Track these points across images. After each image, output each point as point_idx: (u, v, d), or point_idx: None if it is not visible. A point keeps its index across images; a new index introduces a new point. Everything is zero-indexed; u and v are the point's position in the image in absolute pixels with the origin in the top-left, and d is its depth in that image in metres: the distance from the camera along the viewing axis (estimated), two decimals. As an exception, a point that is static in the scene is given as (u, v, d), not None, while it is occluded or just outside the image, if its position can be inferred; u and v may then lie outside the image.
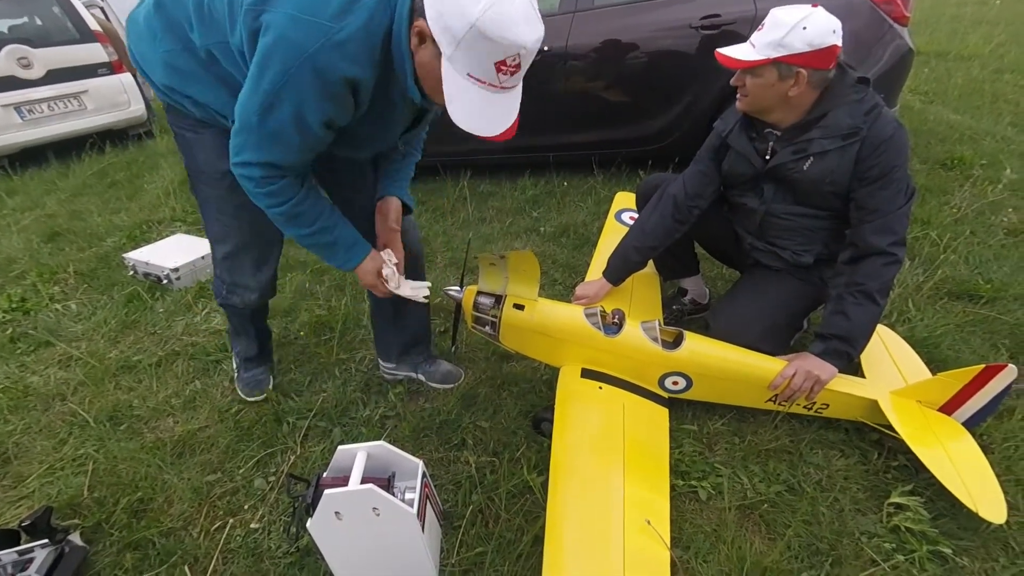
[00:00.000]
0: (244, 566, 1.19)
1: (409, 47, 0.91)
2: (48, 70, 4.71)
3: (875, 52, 2.49)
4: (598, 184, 3.14)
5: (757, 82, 1.26)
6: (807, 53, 1.18)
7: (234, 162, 1.03)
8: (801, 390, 1.30)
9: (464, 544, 1.19)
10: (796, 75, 1.22)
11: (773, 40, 1.19)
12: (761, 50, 1.22)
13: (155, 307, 2.27)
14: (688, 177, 1.56)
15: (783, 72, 1.22)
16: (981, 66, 5.17)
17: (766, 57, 1.21)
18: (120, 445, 1.55)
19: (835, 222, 1.38)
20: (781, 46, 1.19)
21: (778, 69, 1.22)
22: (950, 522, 1.17)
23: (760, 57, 1.21)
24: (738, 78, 1.31)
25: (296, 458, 1.46)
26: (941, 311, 1.83)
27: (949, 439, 1.26)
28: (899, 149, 1.24)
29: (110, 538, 1.28)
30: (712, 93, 2.70)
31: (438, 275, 2.36)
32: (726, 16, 2.59)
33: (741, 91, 1.33)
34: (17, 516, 1.35)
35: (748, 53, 1.24)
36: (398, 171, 1.37)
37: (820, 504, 1.23)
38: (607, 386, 1.36)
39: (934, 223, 2.37)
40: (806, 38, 1.17)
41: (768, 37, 1.20)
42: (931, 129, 3.60)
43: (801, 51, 1.18)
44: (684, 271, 1.86)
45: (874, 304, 1.27)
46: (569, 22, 2.86)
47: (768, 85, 1.25)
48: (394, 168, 1.36)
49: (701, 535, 1.18)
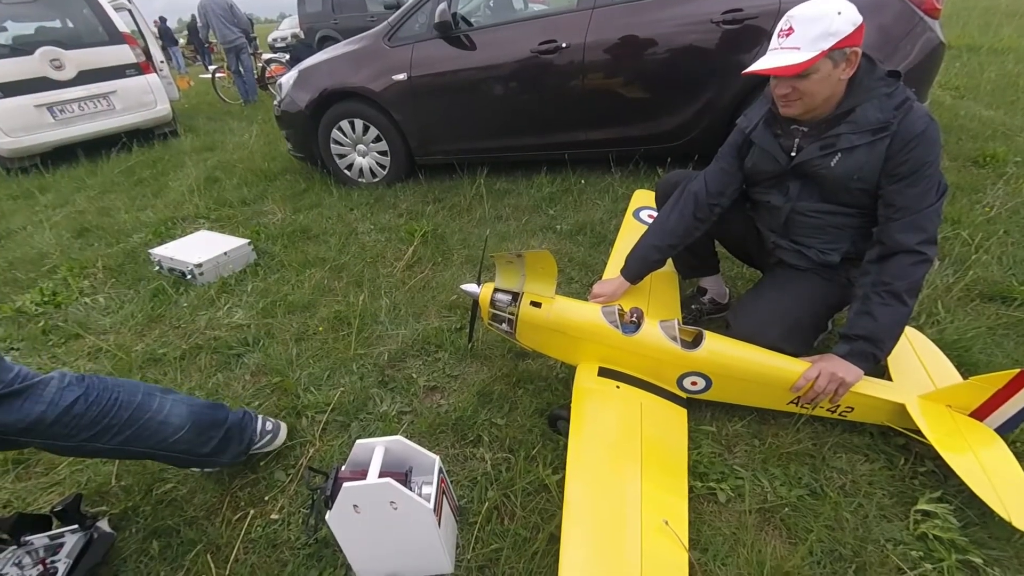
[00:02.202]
0: (264, 556, 1.22)
1: None
2: (79, 71, 4.86)
3: (905, 46, 2.41)
4: (615, 182, 3.12)
5: (813, 79, 1.20)
6: (854, 32, 1.15)
7: None
8: (825, 392, 1.27)
9: (480, 540, 1.20)
10: (848, 56, 1.19)
11: (821, 32, 1.14)
12: (811, 46, 1.16)
13: (179, 301, 2.32)
14: (710, 175, 1.53)
15: (836, 59, 1.18)
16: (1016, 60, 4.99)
17: (820, 51, 1.15)
18: (146, 435, 1.59)
19: (863, 219, 1.34)
20: (831, 35, 1.14)
21: (832, 59, 1.18)
22: (981, 531, 1.13)
23: (815, 54, 1.16)
24: (784, 85, 1.24)
25: (315, 451, 1.48)
26: (972, 313, 1.77)
27: (981, 445, 1.21)
28: (931, 145, 1.19)
29: (136, 525, 1.31)
30: (733, 89, 2.66)
31: (454, 272, 2.37)
32: (748, 10, 2.54)
33: (789, 97, 1.26)
34: (49, 502, 1.40)
35: (798, 56, 1.17)
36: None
37: (843, 509, 1.20)
38: (624, 385, 1.34)
39: (965, 222, 2.29)
40: (849, 19, 1.14)
41: (813, 31, 1.15)
42: (962, 125, 3.48)
43: (849, 32, 1.15)
44: (704, 270, 1.83)
45: (902, 304, 1.23)
46: (588, 18, 2.84)
47: (824, 78, 1.20)
48: None
49: (720, 538, 1.16)
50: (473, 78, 3.08)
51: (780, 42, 1.21)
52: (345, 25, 8.92)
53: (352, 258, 2.57)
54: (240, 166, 4.26)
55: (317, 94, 3.33)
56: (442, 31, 3.04)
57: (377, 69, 3.21)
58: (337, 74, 3.33)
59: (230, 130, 5.79)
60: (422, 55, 3.13)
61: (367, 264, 2.51)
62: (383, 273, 2.42)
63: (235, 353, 1.93)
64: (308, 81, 3.41)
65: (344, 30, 8.55)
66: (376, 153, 3.48)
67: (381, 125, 3.32)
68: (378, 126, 3.34)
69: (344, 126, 3.39)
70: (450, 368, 1.77)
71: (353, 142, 3.46)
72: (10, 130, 4.56)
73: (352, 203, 3.28)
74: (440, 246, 2.61)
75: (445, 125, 3.27)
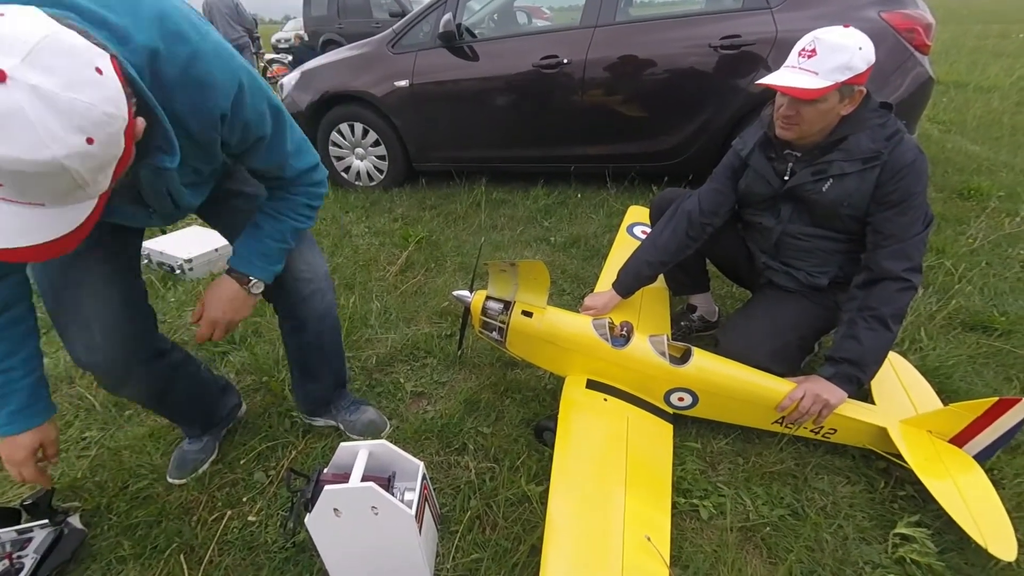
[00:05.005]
0: (239, 558, 1.19)
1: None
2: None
3: (895, 79, 2.49)
4: (611, 197, 3.15)
5: (819, 108, 1.22)
6: (866, 71, 1.18)
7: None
8: (809, 413, 1.28)
9: (460, 549, 1.18)
10: (854, 93, 1.22)
11: (840, 64, 1.16)
12: (828, 75, 1.17)
13: (167, 296, 2.29)
14: (703, 194, 1.56)
15: (844, 93, 1.21)
16: (1001, 98, 5.15)
17: (835, 82, 1.17)
18: (124, 431, 1.56)
19: (852, 245, 1.37)
20: (849, 69, 1.16)
21: (840, 92, 1.21)
22: (957, 557, 1.14)
23: (829, 83, 1.17)
24: (790, 107, 1.26)
25: (297, 453, 1.46)
26: (954, 341, 1.80)
27: (959, 471, 1.23)
28: (919, 175, 1.23)
29: (109, 522, 1.28)
30: (728, 112, 2.71)
31: (447, 279, 2.37)
32: (746, 37, 2.61)
33: (791, 119, 1.27)
34: (19, 495, 1.36)
35: (815, 81, 1.18)
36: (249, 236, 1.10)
37: (824, 530, 1.21)
38: (612, 398, 1.35)
39: (949, 252, 2.35)
40: (866, 57, 1.17)
41: (833, 61, 1.16)
42: (948, 158, 3.58)
43: (863, 70, 1.18)
44: (694, 287, 1.85)
45: (887, 330, 1.25)
46: (590, 36, 2.89)
47: (828, 109, 1.23)
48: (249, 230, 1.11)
49: (701, 555, 1.16)
50: (474, 88, 3.11)
51: (800, 62, 1.21)
52: (349, 30, 8.98)
53: (344, 260, 2.56)
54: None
55: (318, 96, 3.34)
56: (446, 41, 3.08)
57: (380, 74, 3.23)
58: (339, 77, 3.34)
59: (228, 127, 5.76)
60: (425, 63, 3.16)
61: (359, 267, 2.50)
62: (375, 277, 2.41)
63: (220, 351, 1.91)
64: (310, 83, 3.42)
65: (348, 35, 8.61)
66: (374, 157, 3.49)
67: (380, 130, 3.34)
68: (377, 131, 3.35)
69: (343, 129, 3.40)
70: (438, 375, 1.76)
71: (351, 145, 3.47)
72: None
73: (347, 206, 3.28)
74: (434, 252, 2.61)
75: (444, 133, 3.29)
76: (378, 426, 1.52)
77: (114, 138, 0.62)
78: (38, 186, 0.58)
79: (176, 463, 1.40)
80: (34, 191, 0.59)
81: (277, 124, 0.98)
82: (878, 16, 2.46)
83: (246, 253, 1.09)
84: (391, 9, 8.85)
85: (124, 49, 0.70)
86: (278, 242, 1.10)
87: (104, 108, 0.59)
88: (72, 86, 0.56)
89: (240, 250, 1.10)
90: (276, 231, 1.09)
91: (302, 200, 1.10)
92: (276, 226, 1.09)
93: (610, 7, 2.89)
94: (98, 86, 0.59)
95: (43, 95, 0.54)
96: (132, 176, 0.79)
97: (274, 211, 1.09)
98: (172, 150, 0.78)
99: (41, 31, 0.56)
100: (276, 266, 1.12)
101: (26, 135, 0.54)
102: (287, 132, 1.01)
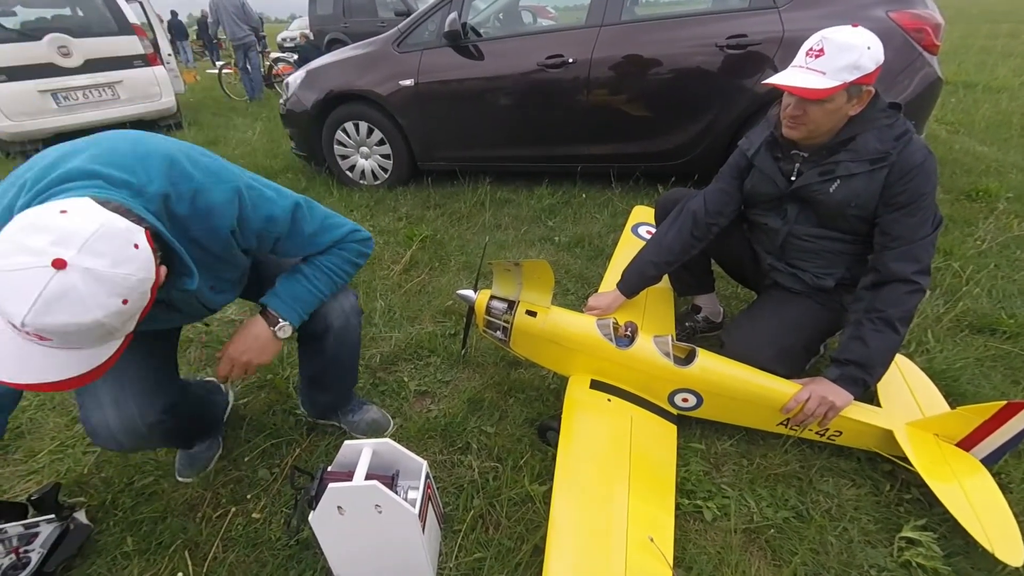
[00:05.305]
0: (243, 555, 1.20)
1: None
2: (86, 59, 4.87)
3: (903, 79, 2.46)
4: (615, 197, 3.14)
5: (826, 108, 1.21)
6: (874, 71, 1.17)
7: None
8: (814, 415, 1.28)
9: (463, 548, 1.18)
10: (862, 93, 1.20)
11: (848, 63, 1.15)
12: (836, 75, 1.16)
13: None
14: (709, 194, 1.55)
15: (852, 93, 1.20)
16: (1010, 98, 5.10)
17: (843, 82, 1.16)
18: (130, 427, 1.57)
19: (859, 246, 1.36)
20: (857, 68, 1.15)
21: (848, 92, 1.19)
22: (963, 561, 1.13)
23: (837, 83, 1.16)
24: (797, 107, 1.25)
25: (301, 451, 1.46)
26: (961, 344, 1.79)
27: (966, 475, 1.22)
28: (928, 176, 1.22)
29: (115, 518, 1.29)
30: (734, 112, 2.70)
31: (451, 278, 2.37)
32: (752, 36, 2.59)
33: (798, 119, 1.26)
34: (26, 490, 1.37)
35: (823, 81, 1.17)
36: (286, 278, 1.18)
37: (828, 533, 1.20)
38: (616, 399, 1.34)
39: (957, 254, 2.33)
40: (875, 57, 1.16)
41: (841, 60, 1.15)
42: (956, 159, 3.55)
43: (871, 70, 1.16)
44: (699, 288, 1.85)
45: (894, 332, 1.24)
46: (595, 35, 2.88)
47: (835, 109, 1.22)
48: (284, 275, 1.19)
49: (704, 556, 1.15)
50: (479, 87, 3.11)
51: (808, 61, 1.20)
52: (355, 29, 9.00)
53: (349, 259, 2.56)
54: (242, 162, 4.24)
55: (323, 95, 3.35)
56: (451, 40, 3.08)
57: (385, 73, 3.23)
58: (344, 76, 3.35)
59: (234, 126, 5.80)
60: (430, 62, 3.16)
61: (364, 266, 2.50)
62: (379, 275, 2.42)
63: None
64: (315, 82, 3.43)
65: (354, 34, 8.62)
66: (379, 156, 3.49)
67: (385, 128, 3.34)
68: (382, 129, 3.35)
69: (348, 127, 3.41)
70: (442, 374, 1.76)
71: (356, 144, 3.48)
72: (12, 114, 4.55)
73: (352, 204, 3.29)
74: (438, 251, 2.61)
75: (449, 132, 3.29)
76: (382, 425, 1.52)
77: (144, 295, 0.77)
78: (79, 338, 0.73)
79: (186, 462, 1.41)
80: (75, 341, 0.73)
81: (293, 219, 1.08)
82: (886, 16, 2.44)
83: (283, 293, 1.16)
84: (396, 8, 8.85)
85: (142, 200, 0.84)
86: (314, 290, 1.17)
87: (139, 276, 0.74)
88: (117, 264, 0.71)
89: (277, 290, 1.16)
90: (315, 278, 1.17)
91: (346, 255, 1.20)
92: (315, 275, 1.17)
93: (615, 6, 2.88)
94: (136, 260, 0.73)
95: (94, 274, 0.69)
96: (163, 296, 0.92)
97: (317, 262, 1.17)
98: (191, 273, 0.89)
99: (94, 224, 0.70)
100: (306, 313, 1.18)
101: (77, 307, 0.68)
102: (304, 222, 1.10)
